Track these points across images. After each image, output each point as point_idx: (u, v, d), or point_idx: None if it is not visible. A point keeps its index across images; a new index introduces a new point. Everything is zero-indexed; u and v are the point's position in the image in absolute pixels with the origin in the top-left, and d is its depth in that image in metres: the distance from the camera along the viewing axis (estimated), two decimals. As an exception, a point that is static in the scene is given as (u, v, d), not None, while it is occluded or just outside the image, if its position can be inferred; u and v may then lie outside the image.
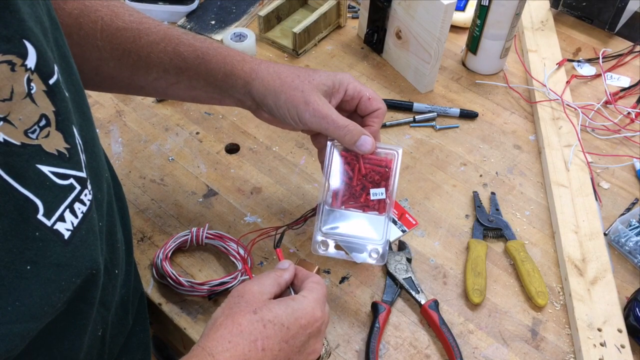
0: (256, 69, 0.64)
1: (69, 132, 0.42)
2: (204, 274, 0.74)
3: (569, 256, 0.75)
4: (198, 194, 0.83)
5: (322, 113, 0.62)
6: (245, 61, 0.64)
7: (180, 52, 0.63)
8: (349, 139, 0.63)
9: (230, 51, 0.65)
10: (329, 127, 0.63)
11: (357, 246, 0.76)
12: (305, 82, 0.63)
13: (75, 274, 0.43)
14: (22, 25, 0.37)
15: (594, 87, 1.00)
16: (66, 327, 0.47)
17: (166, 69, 0.64)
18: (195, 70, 0.64)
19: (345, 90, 0.65)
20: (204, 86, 0.65)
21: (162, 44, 0.63)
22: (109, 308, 0.54)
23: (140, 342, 0.66)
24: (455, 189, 0.85)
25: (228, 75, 0.64)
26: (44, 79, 0.39)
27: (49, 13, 0.43)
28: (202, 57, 0.63)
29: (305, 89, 0.62)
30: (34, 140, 0.39)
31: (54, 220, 0.40)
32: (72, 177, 0.42)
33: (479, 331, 0.70)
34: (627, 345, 0.67)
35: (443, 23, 0.88)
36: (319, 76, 0.64)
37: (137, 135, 0.90)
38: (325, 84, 0.64)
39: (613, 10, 1.06)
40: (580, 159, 0.87)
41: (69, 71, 0.45)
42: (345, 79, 0.66)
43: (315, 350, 0.55)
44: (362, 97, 0.66)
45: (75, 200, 0.42)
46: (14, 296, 0.38)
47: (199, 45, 0.64)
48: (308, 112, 0.62)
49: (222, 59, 0.64)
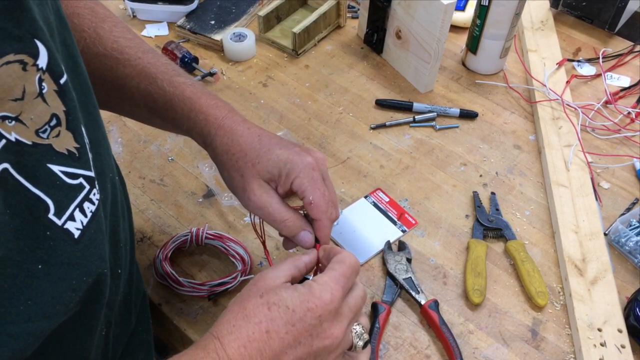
0: (213, 133, 0.60)
1: (79, 132, 0.42)
2: (203, 275, 0.74)
3: (569, 256, 0.75)
4: (198, 194, 0.83)
5: (258, 204, 0.58)
6: (208, 120, 0.61)
7: (151, 93, 0.62)
8: (287, 232, 0.60)
9: (196, 103, 0.62)
10: (267, 219, 0.59)
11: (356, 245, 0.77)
12: (248, 165, 0.58)
13: (85, 273, 0.43)
14: (33, 25, 0.37)
15: (594, 87, 1.00)
16: (78, 328, 0.47)
17: (138, 105, 0.63)
18: (164, 114, 0.63)
19: (291, 182, 0.58)
20: (174, 129, 0.65)
21: (136, 79, 0.62)
22: (112, 308, 0.54)
23: (142, 341, 0.66)
24: (455, 189, 0.85)
25: (190, 130, 0.62)
26: (55, 79, 0.39)
27: (58, 12, 0.43)
28: (170, 104, 0.62)
29: (245, 173, 0.58)
30: (45, 140, 0.39)
31: (65, 219, 0.41)
32: (81, 177, 0.42)
33: (479, 331, 0.70)
34: (627, 345, 0.67)
35: (443, 23, 0.88)
36: (267, 161, 0.58)
37: (136, 136, 0.90)
38: (270, 172, 0.58)
39: (613, 10, 1.05)
40: (580, 158, 0.87)
41: (76, 71, 0.46)
42: (296, 169, 0.57)
43: (332, 335, 0.49)
44: (304, 197, 0.58)
45: (84, 200, 0.43)
46: (26, 295, 0.39)
47: (169, 90, 0.62)
48: (245, 199, 0.59)
49: (188, 112, 0.61)
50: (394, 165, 0.87)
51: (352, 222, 0.79)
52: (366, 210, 0.81)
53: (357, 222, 0.79)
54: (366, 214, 0.80)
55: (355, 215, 0.80)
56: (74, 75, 0.44)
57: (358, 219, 0.80)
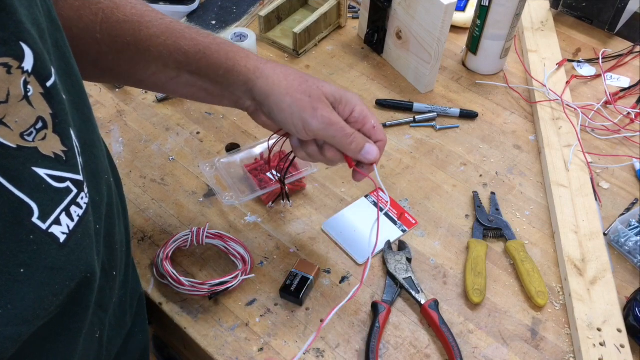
0: (261, 67, 0.62)
1: (67, 135, 0.42)
2: (204, 274, 0.74)
3: (568, 256, 0.75)
4: (199, 194, 0.83)
5: (330, 120, 0.60)
6: (250, 58, 0.63)
7: (181, 46, 0.62)
8: (354, 146, 0.62)
9: (233, 47, 0.63)
10: (337, 135, 0.61)
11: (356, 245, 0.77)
12: (313, 88, 0.61)
13: (69, 278, 0.42)
14: (18, 28, 0.36)
15: (594, 88, 1.00)
16: (60, 331, 0.46)
17: (166, 63, 0.63)
18: (196, 65, 0.62)
19: (352, 110, 0.63)
20: (204, 82, 0.64)
21: (162, 37, 0.62)
22: (106, 310, 0.54)
23: (139, 343, 0.66)
24: (455, 189, 0.85)
25: (230, 71, 0.62)
26: (41, 82, 0.39)
27: (49, 14, 0.43)
28: (204, 52, 0.62)
29: (313, 94, 0.60)
30: (30, 143, 0.38)
31: (50, 223, 0.40)
32: (68, 180, 0.42)
33: (479, 331, 0.70)
34: (626, 345, 0.67)
35: (443, 23, 0.88)
36: (328, 86, 0.62)
37: (137, 135, 0.90)
38: (334, 96, 0.62)
39: (613, 11, 1.06)
40: (580, 159, 0.87)
41: (68, 72, 0.45)
42: (354, 99, 0.63)
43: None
44: (366, 123, 0.63)
45: (71, 204, 0.42)
46: (6, 299, 0.38)
47: (201, 40, 0.62)
48: (316, 118, 0.60)
49: (225, 54, 0.62)
50: (394, 165, 0.87)
51: (352, 222, 0.80)
52: (366, 209, 0.81)
53: (357, 221, 0.80)
54: (366, 213, 0.81)
55: (356, 215, 0.80)
56: (65, 78, 0.44)
57: (358, 219, 0.80)
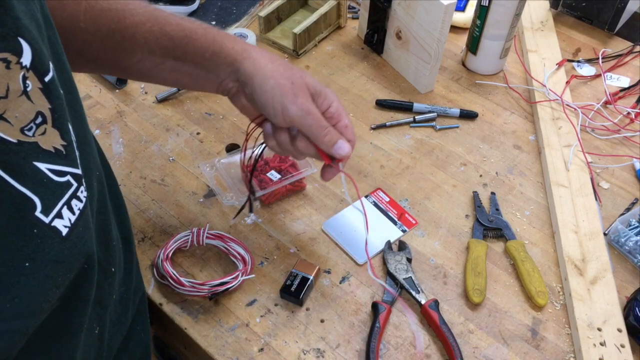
0: (248, 49, 0.63)
1: (65, 129, 0.42)
2: (204, 274, 0.74)
3: (569, 256, 0.75)
4: (199, 194, 0.83)
5: (309, 109, 0.61)
6: (237, 42, 0.64)
7: (167, 32, 0.62)
8: (328, 139, 0.62)
9: (220, 32, 0.64)
10: (312, 125, 0.61)
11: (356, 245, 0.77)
12: (297, 76, 0.62)
13: (70, 270, 0.43)
14: (16, 23, 0.37)
15: (594, 88, 1.00)
16: (62, 326, 0.47)
17: (152, 50, 0.63)
18: (182, 50, 0.63)
19: (329, 105, 0.64)
20: (189, 67, 0.64)
21: (148, 24, 0.62)
22: (105, 306, 0.54)
23: (140, 341, 0.66)
24: (455, 189, 0.85)
25: (216, 54, 0.63)
26: (39, 77, 0.39)
27: (43, 11, 0.43)
28: (190, 37, 0.63)
29: (295, 81, 0.61)
30: (31, 138, 0.39)
31: (52, 217, 0.40)
32: (68, 174, 0.42)
33: (479, 331, 0.70)
34: (627, 345, 0.67)
35: (443, 23, 0.88)
36: (310, 78, 0.63)
37: (137, 136, 0.90)
38: (315, 88, 0.63)
39: (613, 11, 1.06)
40: (580, 159, 0.87)
41: (62, 69, 0.45)
42: (332, 95, 0.65)
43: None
44: (340, 120, 0.64)
45: (72, 197, 0.42)
46: (13, 293, 0.39)
47: (187, 25, 0.63)
48: (295, 105, 0.61)
49: (212, 37, 0.63)
50: (394, 165, 0.87)
51: (352, 222, 0.80)
52: (367, 210, 0.81)
53: (357, 221, 0.80)
54: (367, 213, 0.81)
55: (356, 215, 0.80)
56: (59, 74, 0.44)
57: (358, 219, 0.80)
